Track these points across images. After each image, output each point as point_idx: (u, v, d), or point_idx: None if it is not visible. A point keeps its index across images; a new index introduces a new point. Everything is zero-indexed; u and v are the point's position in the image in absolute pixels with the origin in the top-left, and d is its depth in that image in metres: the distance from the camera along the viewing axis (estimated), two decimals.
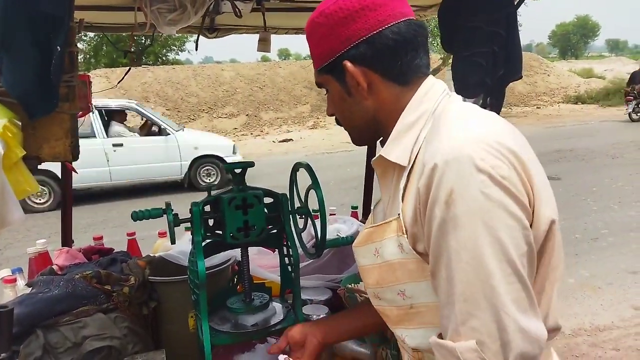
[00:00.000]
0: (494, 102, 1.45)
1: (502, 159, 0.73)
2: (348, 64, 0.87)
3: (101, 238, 2.00)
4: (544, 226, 0.77)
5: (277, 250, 1.47)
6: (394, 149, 0.87)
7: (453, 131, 0.78)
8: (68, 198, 1.99)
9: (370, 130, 0.95)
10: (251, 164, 1.38)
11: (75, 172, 1.88)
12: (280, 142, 14.16)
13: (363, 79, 0.88)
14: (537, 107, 18.99)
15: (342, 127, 1.01)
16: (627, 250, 4.92)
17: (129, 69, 2.39)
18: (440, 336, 0.77)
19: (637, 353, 3.16)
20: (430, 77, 0.91)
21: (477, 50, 1.41)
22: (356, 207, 2.35)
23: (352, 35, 0.85)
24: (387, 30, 0.84)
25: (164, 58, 24.78)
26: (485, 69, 1.41)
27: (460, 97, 0.91)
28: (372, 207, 1.07)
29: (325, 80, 0.94)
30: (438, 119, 0.84)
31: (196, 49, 1.97)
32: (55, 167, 2.34)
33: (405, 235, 0.82)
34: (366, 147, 2.21)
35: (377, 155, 0.92)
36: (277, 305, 1.40)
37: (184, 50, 25.96)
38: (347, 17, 0.85)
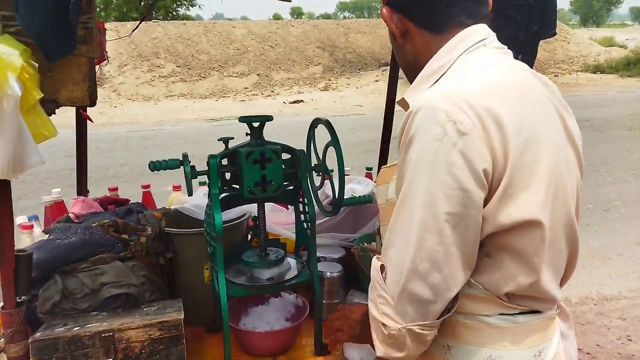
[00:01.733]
0: (526, 59, 1.38)
1: (470, 117, 0.74)
2: (383, 11, 0.93)
3: (116, 189, 2.00)
4: (513, 215, 0.77)
5: (291, 207, 1.46)
6: (413, 94, 0.90)
7: (441, 84, 0.83)
8: (83, 146, 1.98)
9: (414, 72, 0.95)
10: (270, 118, 1.34)
11: (90, 120, 1.85)
12: (291, 103, 14.00)
13: (397, 26, 0.92)
14: (555, 75, 18.48)
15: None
16: (639, 222, 4.88)
17: (141, 20, 2.33)
18: None
19: None
20: (474, 26, 0.89)
21: (512, 3, 1.34)
22: (371, 169, 2.32)
23: None
24: None
25: (174, 13, 24.32)
26: (519, 23, 1.34)
27: (497, 49, 0.89)
28: None
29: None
30: (453, 69, 0.86)
31: None
32: None
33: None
34: (382, 110, 2.17)
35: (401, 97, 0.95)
36: (291, 261, 1.40)
37: (195, 5, 25.43)
38: None
